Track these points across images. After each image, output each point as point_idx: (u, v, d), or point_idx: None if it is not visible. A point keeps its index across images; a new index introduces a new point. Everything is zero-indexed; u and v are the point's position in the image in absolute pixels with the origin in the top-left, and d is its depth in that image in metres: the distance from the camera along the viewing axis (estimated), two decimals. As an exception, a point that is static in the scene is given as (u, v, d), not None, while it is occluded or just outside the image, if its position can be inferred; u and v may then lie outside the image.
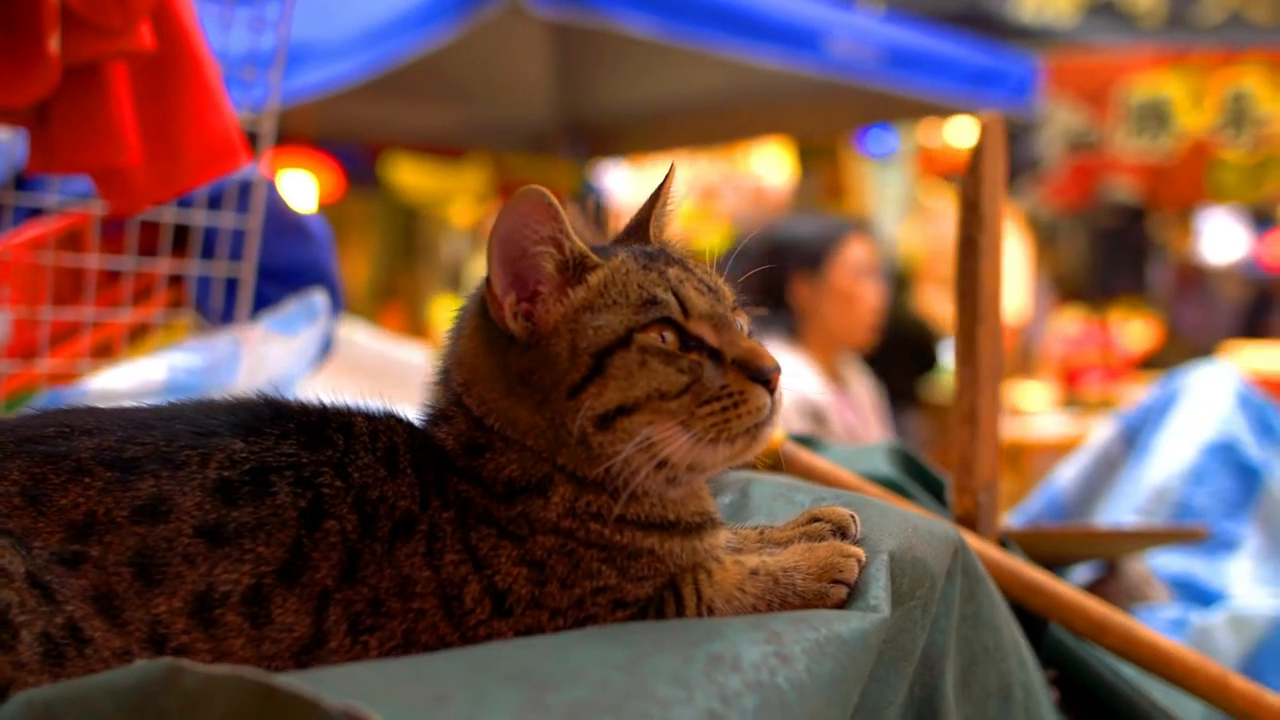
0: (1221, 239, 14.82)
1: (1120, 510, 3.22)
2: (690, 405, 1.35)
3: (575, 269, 1.41)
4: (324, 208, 10.69)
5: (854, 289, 5.36)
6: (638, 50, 7.69)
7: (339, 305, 2.90)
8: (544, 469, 1.37)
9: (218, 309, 2.74)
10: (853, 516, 1.52)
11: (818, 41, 7.61)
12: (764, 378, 1.37)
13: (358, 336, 3.45)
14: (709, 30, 7.02)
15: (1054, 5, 10.58)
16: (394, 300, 14.44)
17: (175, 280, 2.73)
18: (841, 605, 1.41)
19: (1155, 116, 10.78)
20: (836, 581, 1.42)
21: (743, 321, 1.44)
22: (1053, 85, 9.97)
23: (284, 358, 2.60)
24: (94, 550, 1.27)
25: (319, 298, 2.71)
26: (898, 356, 9.58)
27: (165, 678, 1.07)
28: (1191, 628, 2.66)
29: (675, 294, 1.39)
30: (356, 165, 12.11)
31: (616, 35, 6.90)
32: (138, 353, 2.61)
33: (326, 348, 2.81)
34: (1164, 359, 11.30)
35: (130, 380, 2.35)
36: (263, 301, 2.77)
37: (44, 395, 2.38)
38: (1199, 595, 2.93)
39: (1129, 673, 2.11)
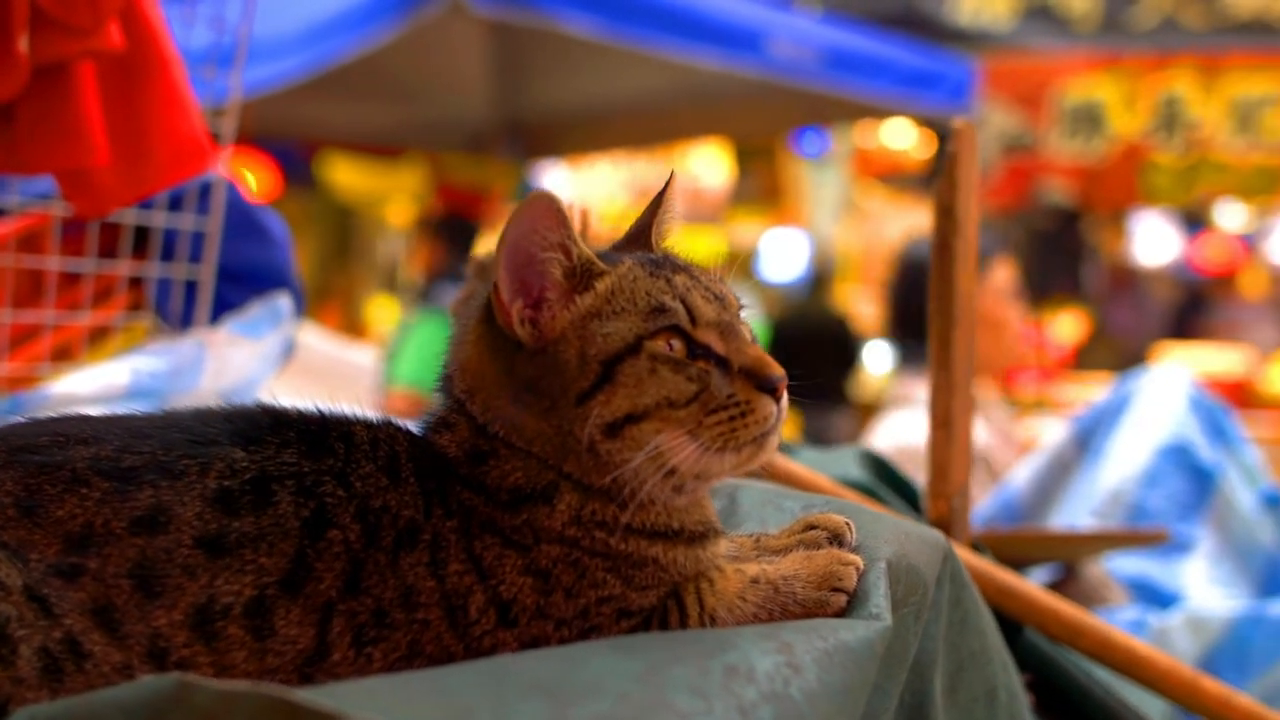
0: (1153, 241, 15.03)
1: (1075, 513, 3.24)
2: (698, 414, 1.33)
3: (582, 275, 1.39)
4: (259, 206, 10.59)
5: (1002, 313, 4.97)
6: (577, 50, 7.69)
7: (300, 307, 2.87)
8: (549, 476, 1.36)
9: (177, 311, 2.70)
10: (848, 524, 1.51)
11: (757, 43, 7.65)
12: (770, 387, 1.36)
13: (308, 338, 3.42)
14: (648, 31, 7.03)
15: (991, 8, 10.68)
16: (330, 300, 14.34)
17: (135, 282, 2.69)
18: (841, 613, 1.40)
19: (1089, 119, 10.89)
20: (836, 589, 1.41)
21: (747, 330, 1.43)
22: (988, 87, 10.06)
23: (248, 361, 2.56)
24: (92, 562, 1.24)
25: (283, 301, 2.69)
26: (819, 354, 9.64)
27: (175, 694, 1.04)
28: (1150, 629, 2.68)
29: (683, 301, 1.38)
30: (293, 164, 12.03)
31: (556, 35, 6.90)
32: (97, 356, 2.57)
33: (288, 350, 2.78)
34: (1094, 358, 11.44)
35: (93, 384, 2.31)
36: (222, 303, 2.73)
37: (3, 400, 2.34)
38: (1155, 597, 2.95)
39: (1101, 675, 2.12)
